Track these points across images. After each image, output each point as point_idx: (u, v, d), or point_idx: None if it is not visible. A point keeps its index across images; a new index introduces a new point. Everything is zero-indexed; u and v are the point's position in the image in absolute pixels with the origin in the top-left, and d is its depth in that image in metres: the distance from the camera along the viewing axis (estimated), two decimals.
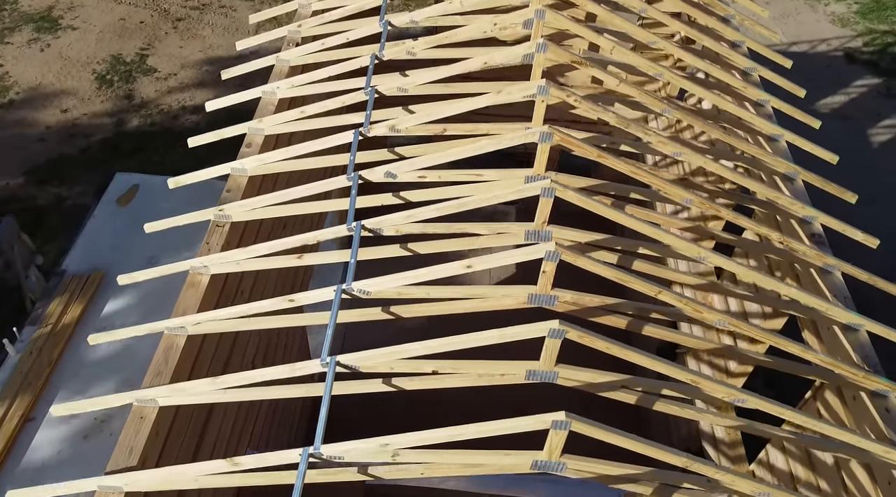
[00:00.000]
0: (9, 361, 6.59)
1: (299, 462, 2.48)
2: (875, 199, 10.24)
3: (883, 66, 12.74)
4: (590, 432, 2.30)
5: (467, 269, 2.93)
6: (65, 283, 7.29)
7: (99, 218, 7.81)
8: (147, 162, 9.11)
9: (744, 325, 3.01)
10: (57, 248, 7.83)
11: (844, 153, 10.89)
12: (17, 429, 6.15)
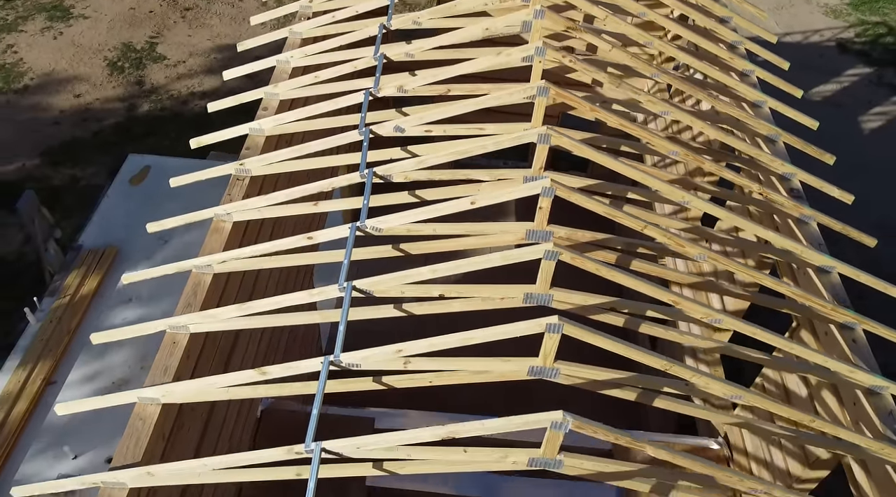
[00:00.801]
0: (30, 329, 6.89)
1: (321, 369, 2.77)
2: (864, 179, 10.58)
3: (875, 56, 13.04)
4: (580, 336, 2.58)
5: (471, 206, 3.22)
6: (81, 258, 7.58)
7: (112, 197, 8.12)
8: (158, 145, 9.40)
9: (723, 258, 3.30)
10: (72, 225, 8.12)
11: (836, 138, 11.26)
12: (39, 391, 6.44)
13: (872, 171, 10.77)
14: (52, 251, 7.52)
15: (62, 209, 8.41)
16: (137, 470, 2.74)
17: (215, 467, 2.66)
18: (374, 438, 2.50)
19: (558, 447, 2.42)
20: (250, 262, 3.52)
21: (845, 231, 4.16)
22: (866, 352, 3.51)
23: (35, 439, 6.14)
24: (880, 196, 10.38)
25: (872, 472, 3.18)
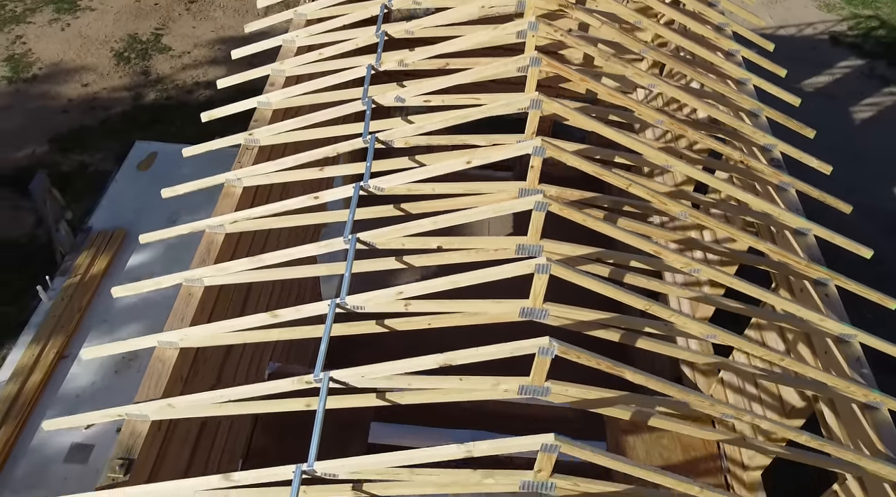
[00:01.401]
0: (42, 307, 7.12)
1: (328, 312, 3.00)
2: (854, 167, 10.82)
3: (867, 48, 13.26)
4: (567, 276, 2.80)
5: (467, 165, 3.45)
6: (91, 239, 7.82)
7: (121, 182, 8.36)
8: (164, 132, 9.62)
9: (703, 216, 3.53)
10: (82, 208, 8.34)
11: (828, 128, 11.54)
12: (52, 364, 6.67)
13: (863, 160, 11.00)
14: (63, 232, 7.75)
15: (71, 193, 8.63)
16: (159, 403, 2.97)
17: (231, 398, 2.89)
18: (378, 367, 2.73)
19: (545, 374, 2.64)
20: (260, 223, 3.75)
21: (822, 198, 4.39)
22: (838, 305, 3.75)
23: (49, 409, 6.36)
24: (870, 185, 10.63)
25: (840, 412, 3.41)
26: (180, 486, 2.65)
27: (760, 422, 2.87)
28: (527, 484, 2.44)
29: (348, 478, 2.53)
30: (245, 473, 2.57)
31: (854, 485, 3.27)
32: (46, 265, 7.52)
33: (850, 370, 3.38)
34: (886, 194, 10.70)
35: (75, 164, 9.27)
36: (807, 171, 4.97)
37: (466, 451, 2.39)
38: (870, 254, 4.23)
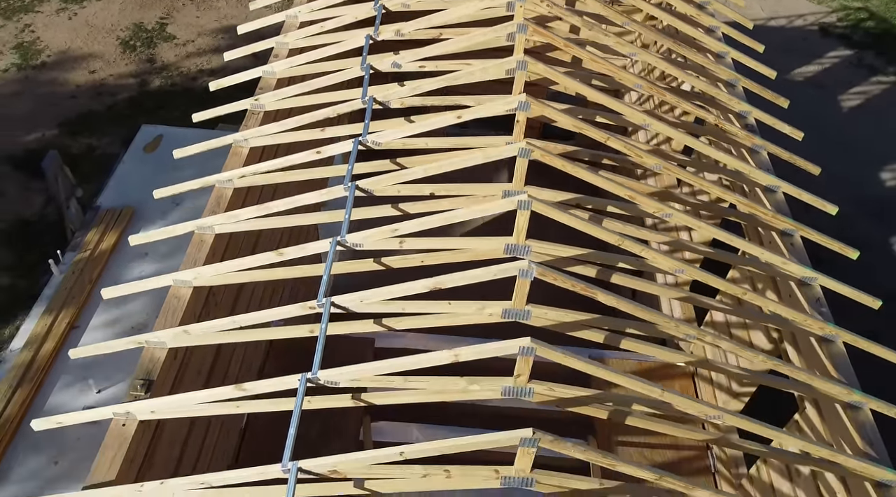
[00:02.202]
0: (54, 280, 7.41)
1: (329, 249, 3.29)
2: (841, 153, 11.10)
3: (855, 39, 13.53)
4: (546, 212, 3.10)
5: (457, 120, 3.75)
6: (100, 217, 8.11)
7: (128, 163, 8.66)
8: (168, 117, 9.90)
9: (675, 168, 3.82)
10: (90, 189, 8.62)
11: (817, 117, 11.78)
12: (64, 334, 6.95)
13: (851, 148, 11.27)
14: (74, 209, 8.04)
15: (80, 175, 8.89)
16: (175, 330, 3.27)
17: (244, 324, 3.18)
18: (375, 292, 3.02)
19: (526, 298, 2.93)
20: (266, 177, 4.05)
21: (792, 160, 4.67)
22: (802, 253, 4.04)
23: (62, 375, 6.64)
24: (858, 172, 10.90)
25: (801, 347, 3.70)
26: (197, 396, 2.94)
27: (738, 350, 3.15)
28: (507, 389, 2.72)
29: (349, 386, 2.82)
30: (256, 383, 2.86)
31: (812, 411, 3.56)
32: (56, 242, 7.80)
33: (810, 309, 3.67)
34: (873, 180, 10.96)
35: (83, 147, 9.56)
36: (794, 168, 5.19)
37: (454, 355, 2.67)
38: (835, 210, 4.53)
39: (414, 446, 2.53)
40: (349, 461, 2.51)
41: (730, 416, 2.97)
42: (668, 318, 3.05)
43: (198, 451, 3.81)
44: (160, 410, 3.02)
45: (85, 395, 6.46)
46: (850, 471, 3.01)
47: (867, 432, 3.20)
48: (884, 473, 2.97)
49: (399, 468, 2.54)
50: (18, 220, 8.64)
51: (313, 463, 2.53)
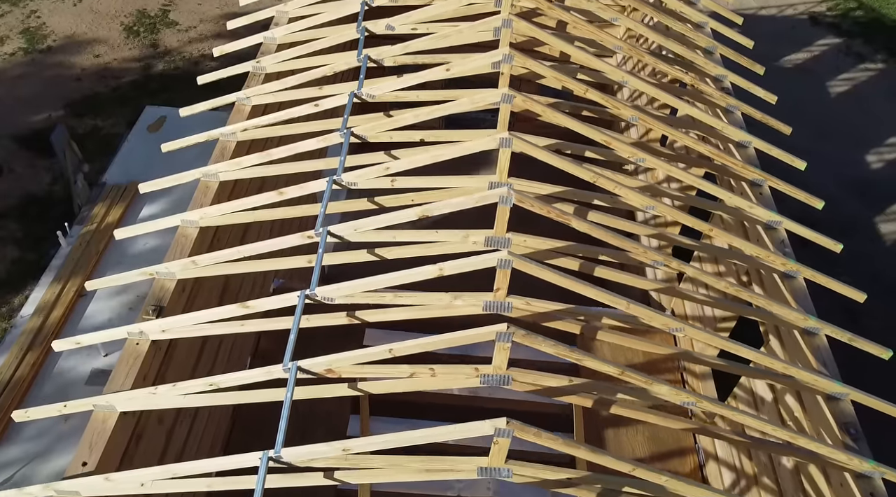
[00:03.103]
0: (62, 251, 7.68)
1: (325, 188, 3.56)
2: (827, 136, 11.37)
3: (844, 27, 13.80)
4: (527, 150, 3.37)
5: (447, 72, 4.01)
6: (106, 192, 8.39)
7: (133, 142, 8.95)
8: (171, 100, 10.16)
9: (650, 119, 4.09)
10: (95, 167, 8.90)
11: (805, 101, 12.00)
12: (72, 302, 7.23)
13: (837, 131, 11.55)
14: (80, 184, 8.31)
15: (85, 154, 9.16)
16: (183, 260, 3.54)
17: (247, 255, 3.45)
18: (368, 221, 3.30)
19: (507, 226, 3.20)
20: (269, 130, 4.32)
21: (764, 120, 4.94)
22: (769, 201, 4.31)
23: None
24: (843, 153, 11.17)
25: (766, 283, 3.97)
26: (205, 314, 3.21)
27: (713, 281, 3.41)
28: (489, 304, 2.98)
29: (343, 302, 3.08)
30: (260, 300, 3.13)
31: (775, 342, 3.83)
32: (64, 216, 8.06)
33: (774, 249, 3.94)
34: (857, 161, 11.24)
35: (89, 127, 9.84)
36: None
37: (439, 269, 2.94)
38: (803, 165, 4.79)
39: (403, 344, 2.79)
40: (342, 359, 2.78)
41: (693, 330, 3.24)
42: (640, 246, 3.33)
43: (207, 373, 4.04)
44: (171, 329, 3.29)
45: (93, 358, 6.72)
46: (804, 384, 3.28)
47: (821, 354, 3.48)
48: (832, 386, 3.24)
49: (388, 367, 2.81)
50: (27, 196, 8.90)
51: (311, 362, 2.80)
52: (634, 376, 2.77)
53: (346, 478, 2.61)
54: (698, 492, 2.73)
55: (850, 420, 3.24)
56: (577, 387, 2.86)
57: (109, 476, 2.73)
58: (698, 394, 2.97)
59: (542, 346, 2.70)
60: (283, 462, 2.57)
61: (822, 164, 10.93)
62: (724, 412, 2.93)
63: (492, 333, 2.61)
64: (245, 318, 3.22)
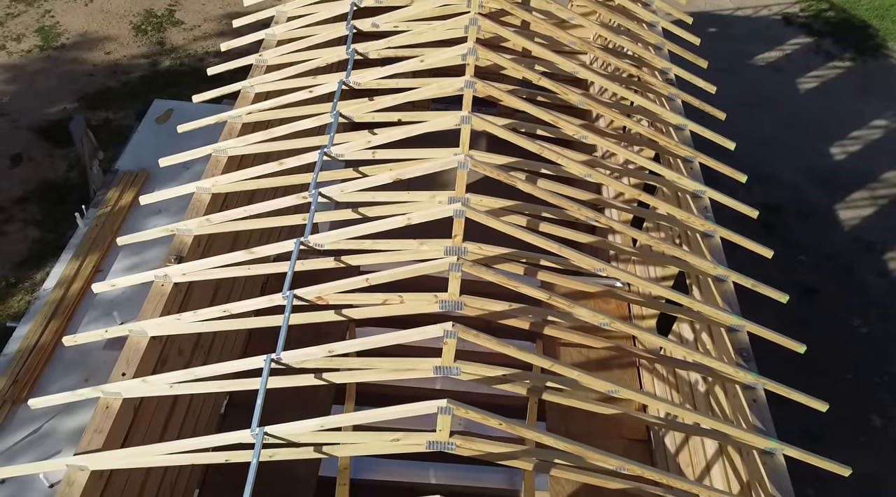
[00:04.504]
0: (79, 231, 8.37)
1: (317, 160, 4.28)
2: (795, 129, 12.12)
3: (815, 28, 14.54)
4: (489, 127, 4.08)
5: (420, 63, 4.73)
6: (118, 178, 9.09)
7: (142, 132, 9.64)
8: (178, 94, 10.89)
9: (594, 102, 4.82)
10: (108, 156, 9.61)
11: (776, 97, 12.78)
12: (90, 276, 7.90)
13: (804, 125, 12.29)
14: (96, 170, 9.02)
15: (99, 143, 9.86)
16: (199, 219, 4.26)
17: (252, 214, 4.18)
18: (354, 183, 4.03)
19: (465, 187, 3.91)
20: (269, 114, 5.05)
21: (703, 107, 5.65)
22: (698, 175, 5.04)
23: (89, 310, 7.60)
24: (809, 145, 11.92)
25: (691, 243, 4.70)
26: (218, 259, 3.94)
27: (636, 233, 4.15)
28: (448, 249, 3.70)
29: (331, 248, 3.81)
30: (262, 248, 3.85)
31: (695, 290, 4.56)
32: (79, 201, 8.76)
33: (697, 213, 4.67)
34: (822, 152, 11.96)
35: (101, 119, 10.56)
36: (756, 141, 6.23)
37: (407, 219, 3.67)
38: (732, 145, 5.50)
39: (377, 274, 3.52)
40: (328, 287, 3.50)
41: (613, 270, 3.96)
42: (576, 205, 4.05)
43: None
44: (189, 273, 4.01)
45: (109, 325, 7.42)
46: (712, 320, 4.01)
47: (727, 296, 4.21)
48: (732, 320, 3.97)
49: (365, 295, 3.53)
50: (45, 182, 9.63)
51: (304, 291, 3.52)
52: (560, 301, 3.49)
53: (332, 378, 3.33)
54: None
55: (745, 346, 3.95)
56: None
57: (146, 379, 3.45)
58: (611, 316, 3.66)
59: (487, 275, 3.44)
60: (283, 363, 3.30)
61: (789, 155, 11.69)
62: (637, 333, 3.65)
63: (445, 265, 3.33)
64: (251, 263, 3.94)
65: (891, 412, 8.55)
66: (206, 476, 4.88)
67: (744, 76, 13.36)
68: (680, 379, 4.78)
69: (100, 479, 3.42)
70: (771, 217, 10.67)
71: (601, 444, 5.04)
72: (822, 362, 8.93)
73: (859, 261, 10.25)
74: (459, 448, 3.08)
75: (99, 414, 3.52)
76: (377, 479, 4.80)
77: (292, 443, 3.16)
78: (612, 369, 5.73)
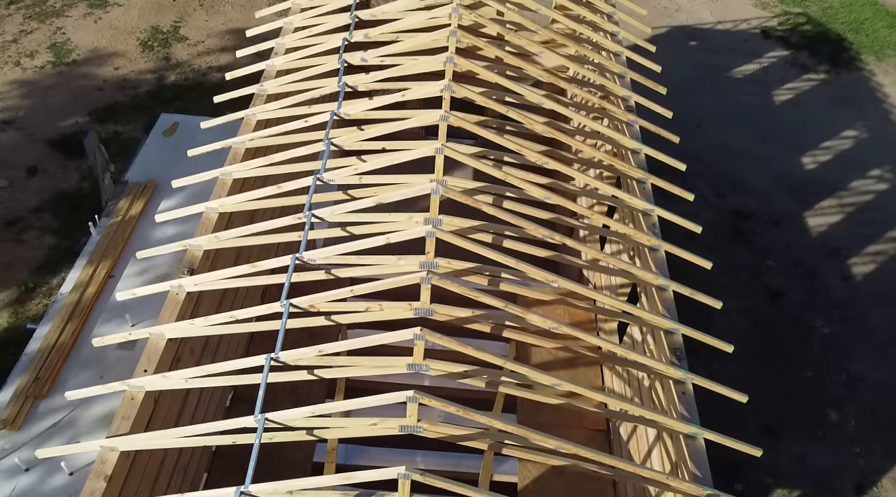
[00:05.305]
0: (93, 239, 9.00)
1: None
2: (769, 139, 12.79)
3: (793, 41, 15.18)
4: (458, 157, 4.73)
5: (401, 99, 5.38)
6: (128, 189, 9.73)
7: (150, 145, 10.27)
8: (183, 107, 11.55)
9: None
10: (118, 167, 10.25)
11: (752, 108, 13.52)
12: (103, 281, 8.52)
13: (779, 134, 12.94)
14: (108, 182, 9.66)
15: (108, 155, 10.52)
16: (209, 236, 4.91)
17: (255, 232, 4.82)
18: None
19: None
20: (269, 140, 5.69)
21: (657, 131, 6.29)
22: (649, 195, 5.68)
23: (103, 312, 8.22)
24: (781, 154, 12.59)
25: (640, 256, 5.34)
26: (226, 272, 4.58)
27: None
28: (422, 264, 4.34)
29: (322, 263, 4.46)
30: (264, 262, 4.50)
31: (643, 298, 5.22)
32: (92, 211, 9.40)
33: (647, 230, 5.32)
34: (794, 161, 12.61)
35: (111, 132, 11.21)
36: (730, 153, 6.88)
37: (387, 239, 4.32)
38: (683, 167, 6.14)
39: (361, 286, 4.17)
40: (320, 297, 4.14)
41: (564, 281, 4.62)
42: (534, 225, 4.70)
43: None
44: (200, 283, 4.66)
45: (122, 327, 8.03)
46: (653, 324, 4.67)
47: (667, 304, 4.86)
48: (669, 324, 4.62)
49: (351, 303, 4.19)
50: (59, 193, 10.28)
51: (299, 300, 4.17)
52: (514, 308, 4.15)
53: (322, 374, 3.99)
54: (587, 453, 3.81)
55: (679, 347, 4.60)
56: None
57: (165, 374, 4.10)
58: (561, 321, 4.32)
59: (452, 286, 4.09)
60: (281, 362, 3.95)
61: (762, 164, 12.35)
62: (582, 336, 4.30)
63: (416, 278, 3.99)
64: (253, 275, 4.58)
65: (847, 408, 9.20)
66: (213, 462, 5.54)
67: (722, 88, 14.00)
68: (631, 375, 5.43)
69: (127, 459, 4.07)
70: (742, 224, 11.32)
71: (566, 432, 5.80)
72: (785, 361, 9.59)
73: (824, 265, 10.90)
74: (426, 431, 3.66)
75: (126, 404, 4.16)
76: (365, 464, 5.47)
77: (288, 427, 3.80)
78: (578, 367, 6.40)
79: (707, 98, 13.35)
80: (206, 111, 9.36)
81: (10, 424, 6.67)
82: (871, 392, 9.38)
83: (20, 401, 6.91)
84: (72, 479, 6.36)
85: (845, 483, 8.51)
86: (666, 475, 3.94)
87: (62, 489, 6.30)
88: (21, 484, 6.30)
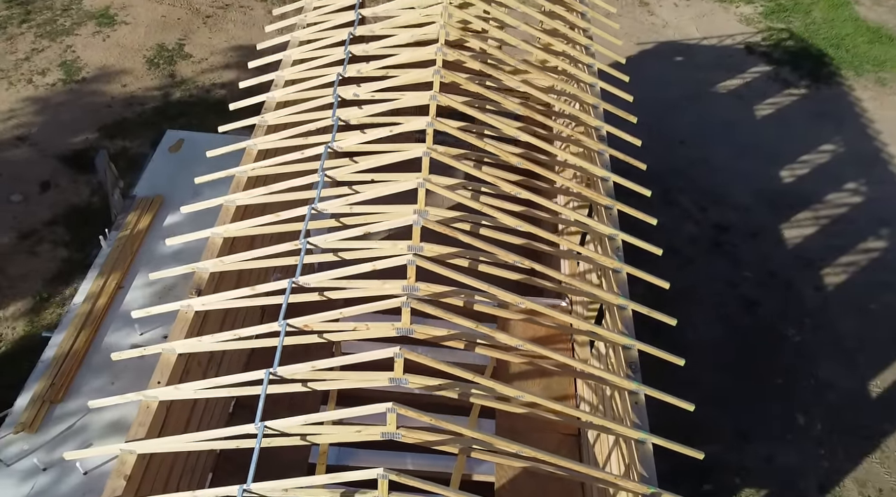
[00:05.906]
0: (103, 252, 9.51)
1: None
2: (749, 153, 13.33)
3: (775, 56, 15.71)
4: (439, 190, 5.29)
5: (389, 133, 5.94)
6: (136, 203, 10.26)
7: (157, 161, 10.76)
8: (188, 123, 12.11)
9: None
10: (126, 182, 10.81)
11: (734, 122, 14.11)
12: (113, 292, 9.05)
13: (759, 148, 13.48)
14: (117, 197, 10.21)
15: (118, 170, 11.08)
16: (214, 260, 5.46)
17: (256, 256, 5.38)
18: (338, 233, 5.24)
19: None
20: (269, 170, 6.25)
21: (626, 159, 6.83)
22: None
23: (113, 321, 8.74)
24: (761, 168, 13.12)
25: (603, 276, 5.90)
26: (231, 293, 5.14)
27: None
28: (405, 287, 4.90)
29: (316, 286, 5.02)
30: (263, 286, 5.05)
31: (608, 316, 5.77)
32: (102, 224, 9.96)
33: (610, 251, 5.87)
34: (772, 175, 13.15)
35: (119, 147, 11.77)
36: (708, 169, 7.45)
37: (373, 266, 4.87)
38: (648, 193, 6.68)
39: (350, 309, 4.74)
40: (314, 318, 4.70)
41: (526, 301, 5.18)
42: (503, 251, 5.26)
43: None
44: (207, 303, 5.21)
45: (131, 335, 8.55)
46: (613, 341, 5.22)
47: (626, 323, 5.41)
48: (626, 340, 5.18)
49: (340, 323, 4.74)
50: (71, 207, 10.84)
51: (295, 320, 4.73)
52: (482, 327, 4.71)
53: (315, 386, 4.54)
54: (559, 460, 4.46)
55: (634, 361, 5.15)
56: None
57: (177, 386, 4.66)
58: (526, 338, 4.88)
59: (428, 309, 4.65)
60: (278, 375, 4.51)
61: (742, 178, 12.89)
62: (547, 353, 4.86)
63: (397, 302, 4.56)
64: (254, 297, 5.14)
65: (814, 412, 9.75)
66: (217, 464, 6.09)
67: (706, 103, 14.53)
68: (597, 386, 5.99)
69: (143, 460, 4.62)
70: (721, 236, 11.87)
71: (539, 436, 6.38)
72: (757, 368, 10.14)
73: (799, 276, 11.45)
74: (405, 437, 4.19)
75: (142, 412, 4.72)
76: (354, 465, 6.03)
77: (285, 433, 4.35)
78: (553, 376, 6.95)
79: (691, 114, 13.88)
80: (209, 127, 9.89)
81: (29, 427, 7.12)
82: (837, 397, 9.93)
83: (37, 405, 7.35)
84: (86, 479, 6.86)
85: (809, 483, 9.05)
86: (617, 476, 4.49)
87: (77, 488, 6.78)
88: (39, 483, 6.77)
